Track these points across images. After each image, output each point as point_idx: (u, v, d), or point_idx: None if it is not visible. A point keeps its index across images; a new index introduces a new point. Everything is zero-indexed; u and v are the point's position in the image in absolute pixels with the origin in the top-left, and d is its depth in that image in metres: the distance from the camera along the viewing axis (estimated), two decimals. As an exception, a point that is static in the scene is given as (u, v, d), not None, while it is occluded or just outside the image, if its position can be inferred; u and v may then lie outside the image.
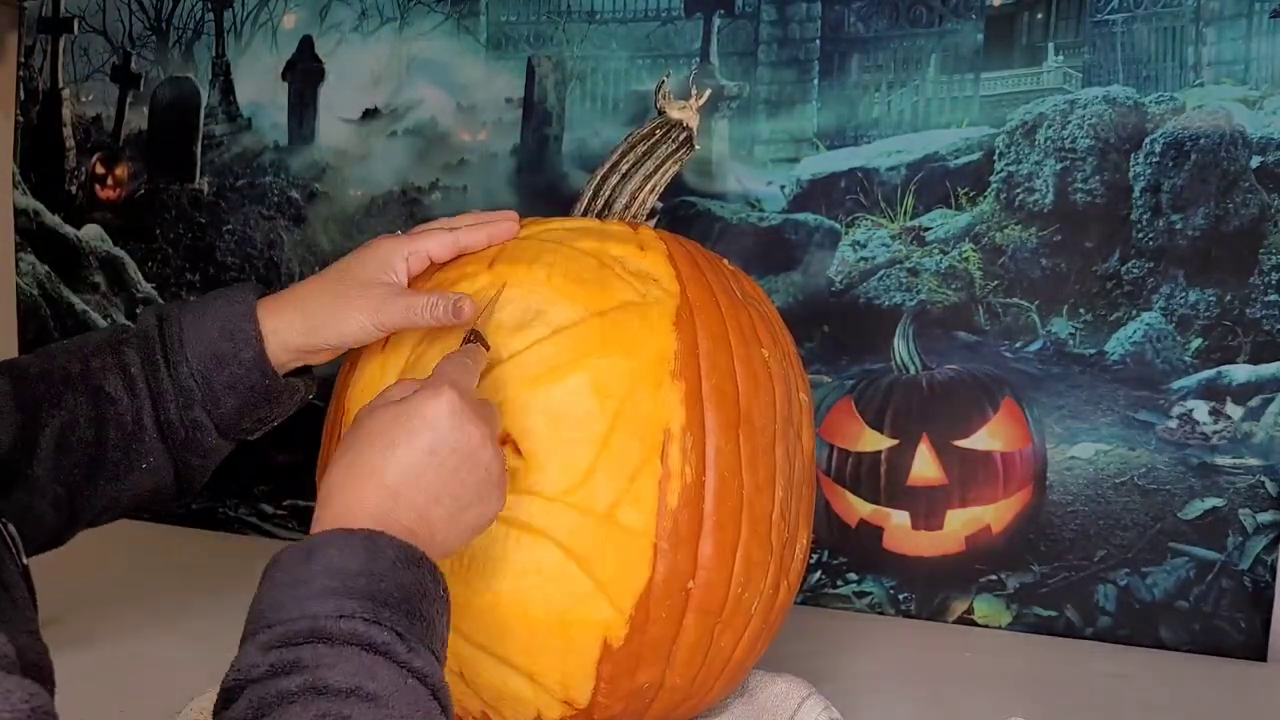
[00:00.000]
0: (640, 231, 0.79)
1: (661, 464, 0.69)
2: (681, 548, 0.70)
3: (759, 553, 0.74)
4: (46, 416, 0.69)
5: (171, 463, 0.73)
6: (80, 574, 1.16)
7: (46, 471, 0.68)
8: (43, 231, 1.43)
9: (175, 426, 0.72)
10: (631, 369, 0.70)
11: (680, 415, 0.70)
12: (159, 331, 0.73)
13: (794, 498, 0.77)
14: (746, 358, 0.74)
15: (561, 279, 0.73)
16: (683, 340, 0.72)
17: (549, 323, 0.72)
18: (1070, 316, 1.07)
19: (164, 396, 0.72)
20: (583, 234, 0.78)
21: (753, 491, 0.73)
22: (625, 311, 0.72)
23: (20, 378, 0.69)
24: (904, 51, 1.11)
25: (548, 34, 1.22)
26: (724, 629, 0.74)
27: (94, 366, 0.71)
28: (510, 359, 0.71)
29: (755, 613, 0.76)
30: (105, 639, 0.97)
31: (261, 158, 1.33)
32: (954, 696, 0.93)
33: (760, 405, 0.74)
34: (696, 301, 0.74)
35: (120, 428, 0.71)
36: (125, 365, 0.72)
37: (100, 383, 0.71)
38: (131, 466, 0.72)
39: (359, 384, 0.76)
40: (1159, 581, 1.06)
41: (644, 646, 0.71)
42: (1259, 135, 1.02)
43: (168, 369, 0.72)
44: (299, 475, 1.33)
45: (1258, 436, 1.03)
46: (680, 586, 0.70)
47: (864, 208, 1.12)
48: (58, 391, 0.69)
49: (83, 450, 0.70)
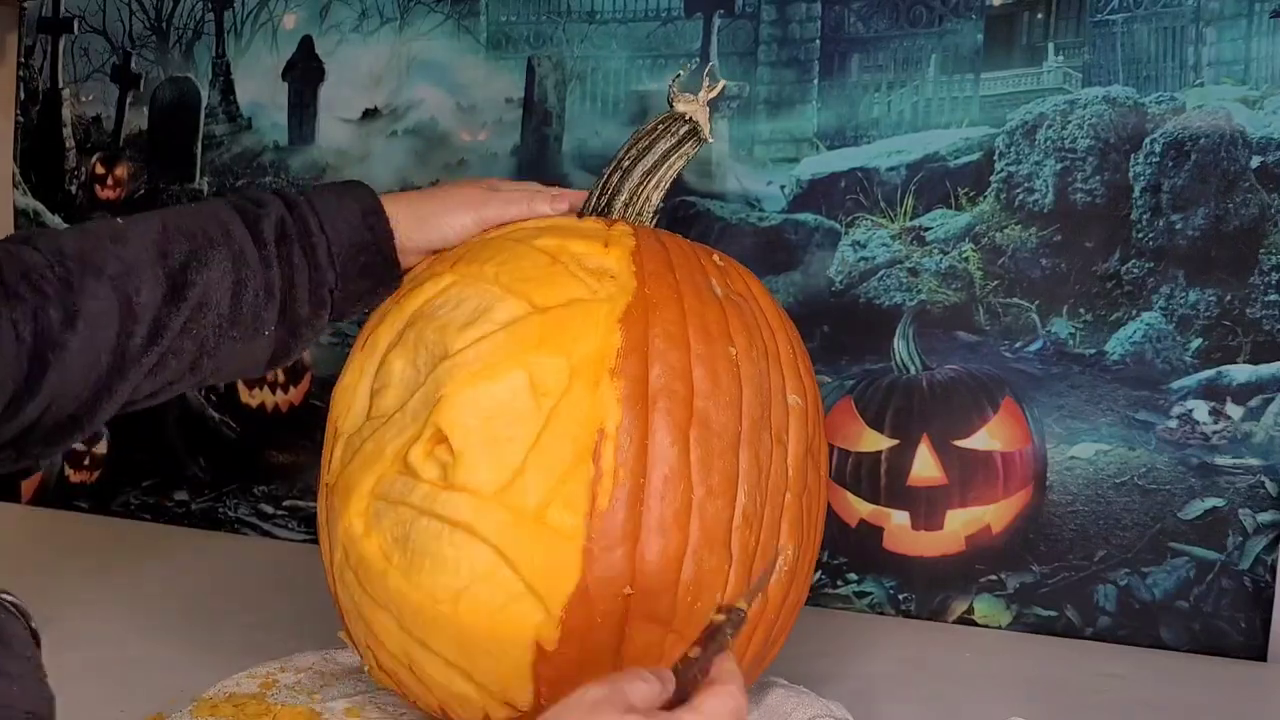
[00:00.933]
0: (614, 228, 0.78)
1: (594, 464, 0.67)
2: (615, 550, 0.67)
3: (713, 560, 0.70)
4: (194, 274, 0.73)
5: (283, 334, 0.78)
6: (80, 574, 1.16)
7: (183, 326, 0.72)
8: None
9: (301, 302, 0.78)
10: (570, 367, 0.69)
11: (616, 415, 0.68)
12: (289, 212, 0.78)
13: (767, 504, 0.74)
14: (708, 356, 0.72)
15: (509, 276, 0.73)
16: (629, 338, 0.70)
17: (493, 320, 0.71)
18: (1070, 316, 1.07)
19: (298, 272, 0.77)
20: (548, 231, 0.78)
21: (704, 496, 0.70)
22: (569, 309, 0.71)
23: (164, 234, 0.73)
24: (904, 51, 1.11)
25: (548, 34, 1.22)
26: (678, 640, 0.70)
27: (235, 233, 0.75)
28: (453, 355, 0.71)
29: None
30: (105, 639, 0.97)
31: (261, 158, 1.33)
32: (954, 696, 0.93)
33: (720, 405, 0.71)
34: (654, 298, 0.72)
35: (255, 294, 0.75)
36: (262, 237, 0.76)
37: (241, 248, 0.75)
38: (256, 332, 0.76)
39: (341, 381, 0.79)
40: (1159, 581, 1.06)
41: (584, 652, 0.69)
42: (1259, 135, 1.02)
43: (303, 248, 0.77)
44: (299, 475, 1.33)
45: (1258, 436, 1.03)
46: (616, 591, 0.68)
47: (864, 208, 1.12)
48: (204, 252, 0.73)
49: (219, 310, 0.74)
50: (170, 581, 1.15)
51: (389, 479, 0.71)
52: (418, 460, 0.70)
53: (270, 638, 0.97)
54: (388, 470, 0.72)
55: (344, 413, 0.77)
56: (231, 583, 1.16)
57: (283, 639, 0.96)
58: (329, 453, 0.78)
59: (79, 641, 0.95)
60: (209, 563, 1.24)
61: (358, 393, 0.77)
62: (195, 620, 1.02)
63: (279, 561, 1.25)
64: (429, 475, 0.70)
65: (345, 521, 0.73)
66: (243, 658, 0.91)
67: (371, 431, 0.74)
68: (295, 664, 0.91)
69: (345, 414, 0.77)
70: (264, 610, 1.05)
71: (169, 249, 0.73)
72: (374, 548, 0.72)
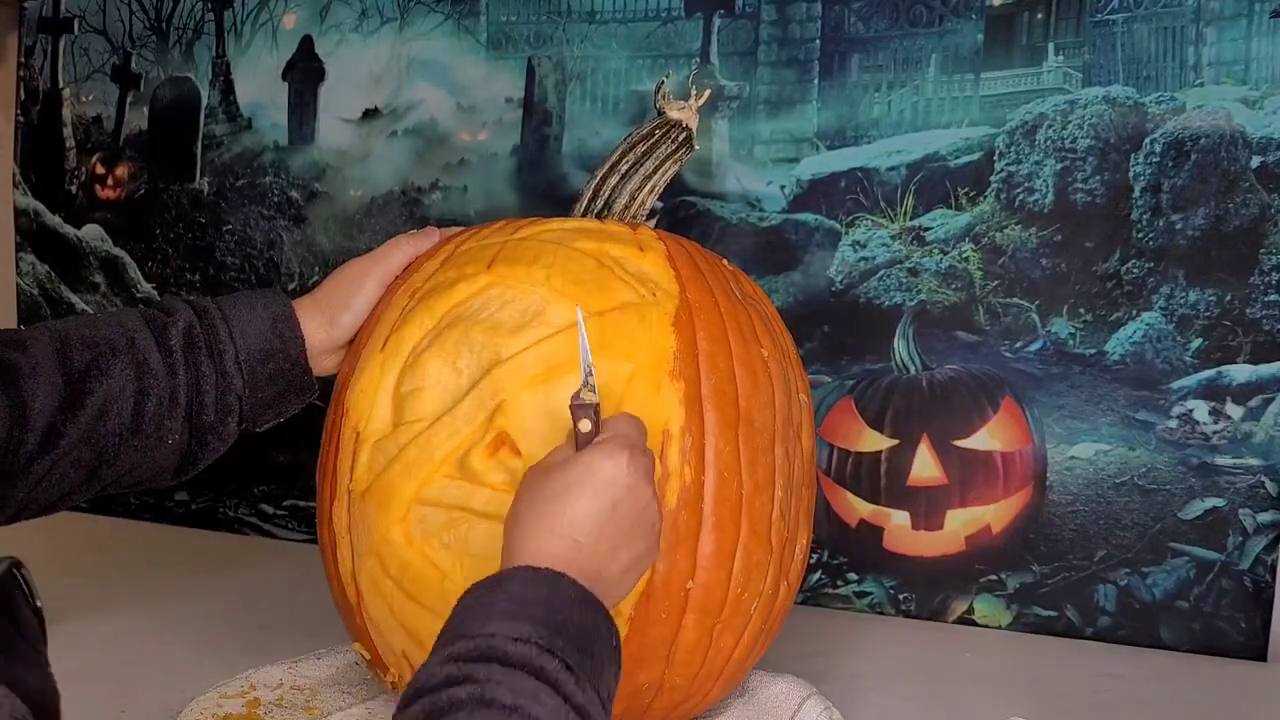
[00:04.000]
0: (640, 232, 0.79)
1: (660, 464, 0.69)
2: (680, 548, 0.70)
3: (759, 553, 0.73)
4: (94, 382, 0.73)
5: (188, 443, 0.78)
6: (80, 574, 1.16)
7: (81, 434, 0.72)
8: (43, 231, 1.43)
9: (207, 409, 0.77)
10: (630, 370, 0.70)
11: (679, 416, 0.70)
12: (198, 320, 0.78)
13: (793, 498, 0.77)
14: (746, 358, 0.74)
15: (561, 279, 0.73)
16: (681, 341, 0.72)
17: (549, 323, 0.72)
18: (1070, 316, 1.07)
19: (204, 379, 0.77)
20: (581, 235, 0.78)
21: (752, 491, 0.72)
22: (624, 312, 0.72)
23: (65, 343, 0.73)
24: (904, 51, 1.11)
25: (548, 34, 1.22)
26: (723, 629, 0.73)
27: (139, 342, 0.75)
28: (510, 359, 0.71)
29: (755, 613, 0.76)
30: (105, 639, 0.97)
31: (261, 158, 1.33)
32: (954, 696, 0.93)
33: (760, 405, 0.74)
34: (696, 302, 0.74)
35: (159, 402, 0.75)
36: (169, 344, 0.76)
37: (145, 357, 0.75)
38: (160, 440, 0.76)
39: (359, 383, 0.76)
40: (1159, 581, 1.06)
41: (644, 647, 0.71)
42: (1259, 135, 1.02)
43: (210, 355, 0.77)
44: (299, 475, 1.33)
45: (1258, 436, 1.03)
46: (680, 587, 0.70)
47: (864, 208, 1.12)
48: (105, 360, 0.73)
49: (120, 418, 0.74)
50: (170, 581, 1.15)
51: (439, 485, 0.71)
52: (479, 464, 0.70)
53: (271, 638, 0.97)
54: (435, 475, 0.71)
55: (365, 417, 0.75)
56: (231, 583, 1.16)
57: (283, 639, 0.96)
58: (350, 458, 0.75)
59: (79, 641, 0.95)
60: (209, 563, 1.24)
61: (379, 395, 0.75)
62: (196, 620, 1.02)
63: (279, 561, 1.25)
64: (493, 480, 0.70)
65: (382, 529, 0.72)
66: (243, 658, 0.91)
67: (411, 436, 0.72)
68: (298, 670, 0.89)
69: (367, 418, 0.75)
70: (264, 610, 1.05)
71: (70, 356, 0.72)
72: (419, 555, 0.71)
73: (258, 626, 1.01)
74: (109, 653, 0.94)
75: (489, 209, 1.23)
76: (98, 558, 1.24)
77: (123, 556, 1.25)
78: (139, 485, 0.79)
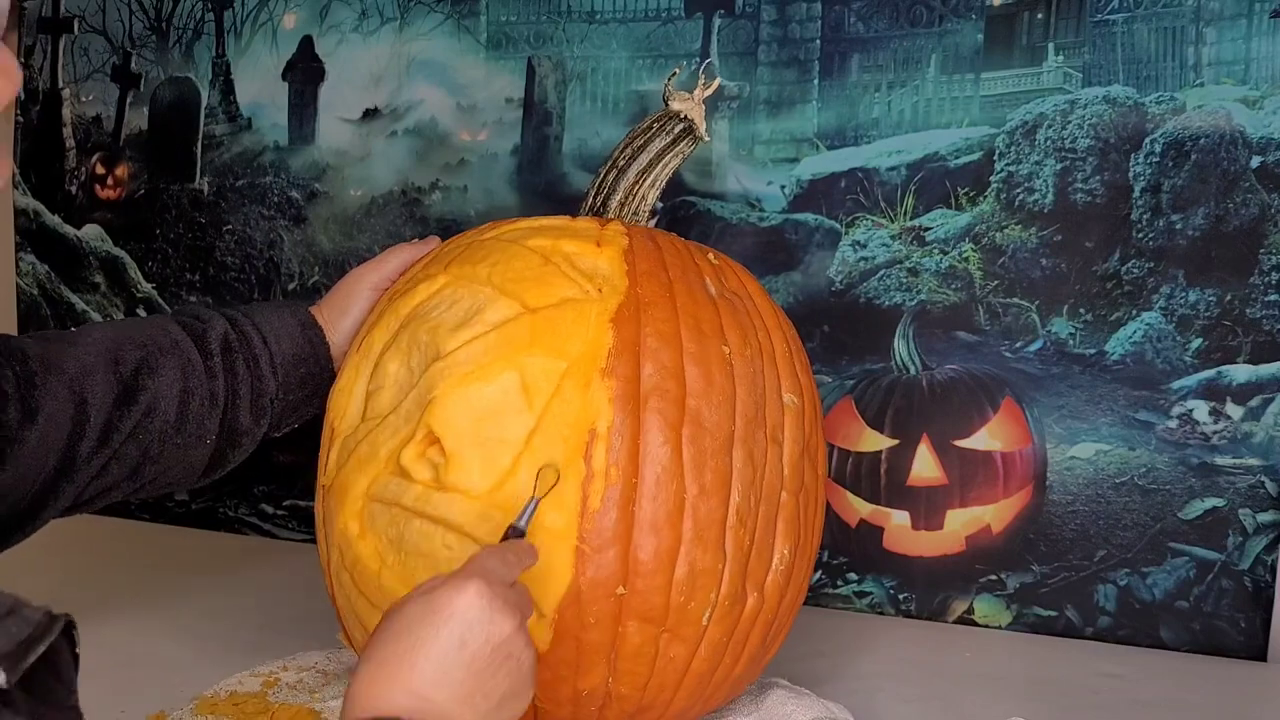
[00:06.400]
0: (608, 228, 0.78)
1: (585, 465, 0.67)
2: (608, 551, 0.68)
3: (706, 560, 0.70)
4: (145, 379, 0.75)
5: (221, 444, 0.80)
6: (81, 574, 1.16)
7: (131, 431, 0.74)
8: (43, 231, 1.43)
9: (242, 410, 0.80)
10: (561, 367, 0.69)
11: (608, 415, 0.68)
12: (231, 326, 0.80)
13: (762, 503, 0.74)
14: (700, 356, 0.72)
15: (501, 277, 0.73)
16: (620, 338, 0.70)
17: (485, 320, 0.71)
18: (1070, 316, 1.07)
19: (241, 382, 0.79)
20: (539, 232, 0.77)
21: (697, 495, 0.70)
22: (560, 309, 0.71)
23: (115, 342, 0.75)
24: (904, 51, 1.11)
25: (548, 34, 1.22)
26: (671, 638, 0.71)
27: (182, 344, 0.78)
28: (445, 357, 0.71)
29: (711, 623, 0.72)
30: (105, 639, 0.97)
31: (261, 158, 1.33)
32: (954, 696, 0.93)
33: (713, 405, 0.71)
34: (646, 297, 0.72)
35: (201, 401, 0.77)
36: (208, 348, 0.78)
37: (189, 358, 0.77)
38: (199, 440, 0.78)
39: (338, 383, 0.79)
40: (1159, 581, 1.06)
41: (579, 653, 0.69)
42: (1259, 135, 1.02)
43: (245, 359, 0.79)
44: (299, 475, 1.33)
45: (1258, 436, 1.03)
46: (610, 591, 0.68)
47: (864, 208, 1.12)
48: (155, 359, 0.76)
49: (166, 416, 0.76)
50: (170, 581, 1.15)
51: (383, 480, 0.71)
52: (410, 462, 0.70)
53: (271, 638, 0.97)
54: (381, 472, 0.72)
55: (340, 414, 0.77)
56: (232, 583, 1.16)
57: (283, 639, 0.96)
58: (325, 454, 0.78)
59: (79, 641, 0.94)
60: (209, 563, 1.24)
61: (353, 394, 0.77)
62: (196, 620, 1.02)
63: (279, 561, 1.25)
64: (421, 477, 0.70)
65: (341, 523, 0.73)
66: (243, 657, 0.91)
67: (366, 433, 0.74)
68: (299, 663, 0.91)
69: (341, 415, 0.77)
70: (264, 610, 1.06)
71: (121, 355, 0.74)
72: (369, 549, 0.72)
73: (258, 626, 1.01)
74: (109, 653, 0.94)
75: (489, 209, 1.23)
76: (98, 558, 1.24)
77: (123, 556, 1.25)
78: (170, 486, 0.81)
